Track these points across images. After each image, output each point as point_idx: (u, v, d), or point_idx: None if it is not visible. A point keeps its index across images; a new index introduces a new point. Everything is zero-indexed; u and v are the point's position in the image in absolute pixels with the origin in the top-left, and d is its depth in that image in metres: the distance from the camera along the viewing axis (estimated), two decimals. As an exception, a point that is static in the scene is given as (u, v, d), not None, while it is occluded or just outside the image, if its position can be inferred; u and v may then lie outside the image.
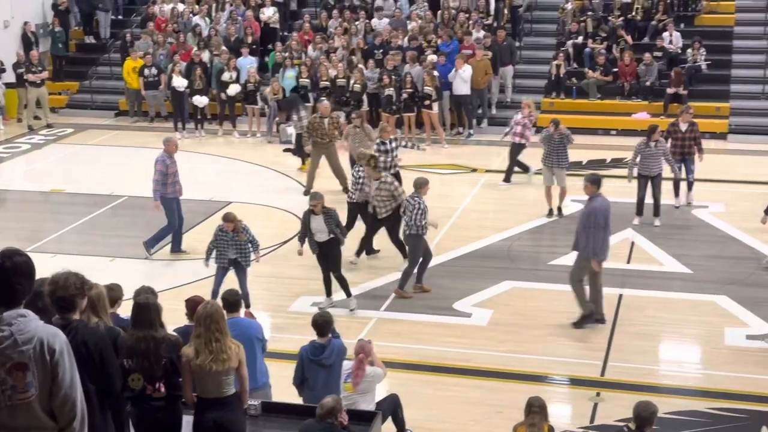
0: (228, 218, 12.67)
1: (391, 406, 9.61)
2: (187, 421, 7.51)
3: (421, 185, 13.45)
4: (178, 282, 14.00)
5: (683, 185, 17.18)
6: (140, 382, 7.16)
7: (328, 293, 13.28)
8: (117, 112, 26.06)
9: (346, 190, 17.88)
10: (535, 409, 8.24)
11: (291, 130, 21.79)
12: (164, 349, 7.15)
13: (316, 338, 9.13)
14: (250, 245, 12.80)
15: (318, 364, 9.01)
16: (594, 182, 12.45)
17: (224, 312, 7.66)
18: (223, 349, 7.31)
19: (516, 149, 18.46)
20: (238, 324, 8.98)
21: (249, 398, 7.90)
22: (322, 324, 9.11)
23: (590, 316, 12.53)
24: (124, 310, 8.31)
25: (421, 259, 13.59)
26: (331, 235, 12.78)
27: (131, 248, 15.80)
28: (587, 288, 12.50)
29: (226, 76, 23.42)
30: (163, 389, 7.20)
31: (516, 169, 18.62)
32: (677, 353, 12.33)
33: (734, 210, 17.05)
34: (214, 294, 12.86)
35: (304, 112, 20.47)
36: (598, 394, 11.04)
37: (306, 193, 18.31)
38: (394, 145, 16.50)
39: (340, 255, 13.12)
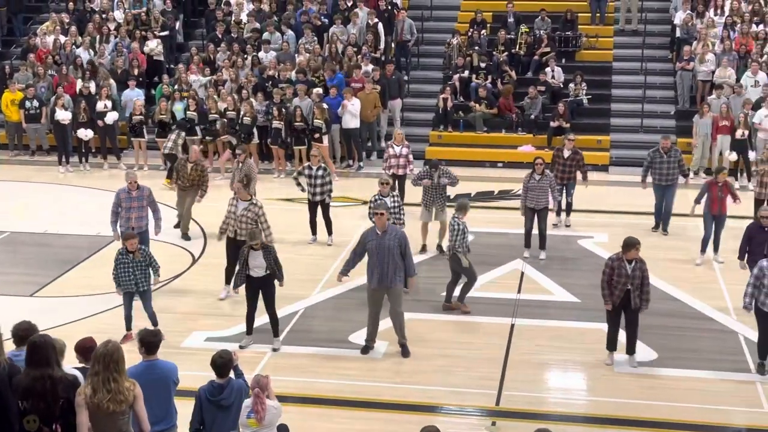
0: (130, 236, 12.81)
1: None
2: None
3: (461, 208, 14.08)
4: (65, 320, 13.64)
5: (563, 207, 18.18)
6: (36, 425, 6.96)
7: (249, 332, 13.08)
8: (-4, 146, 25.33)
9: (184, 235, 17.69)
10: None
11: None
12: (62, 389, 6.98)
13: (215, 378, 8.94)
14: (150, 269, 12.91)
15: (216, 405, 8.81)
16: (380, 207, 12.82)
17: (123, 355, 7.49)
18: (120, 389, 7.20)
19: (402, 181, 18.71)
20: (157, 366, 8.72)
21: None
22: (222, 365, 8.91)
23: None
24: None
25: (460, 277, 14.26)
26: (268, 272, 12.68)
27: (13, 285, 15.38)
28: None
29: (100, 105, 23.12)
30: (59, 431, 7.02)
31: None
32: (568, 381, 12.56)
33: (617, 240, 17.37)
34: (127, 320, 12.96)
35: (174, 136, 21.17)
36: (493, 424, 11.18)
37: (183, 236, 17.89)
38: (320, 173, 16.79)
39: (274, 292, 12.94)
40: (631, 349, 12.58)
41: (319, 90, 22.93)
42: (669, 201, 17.90)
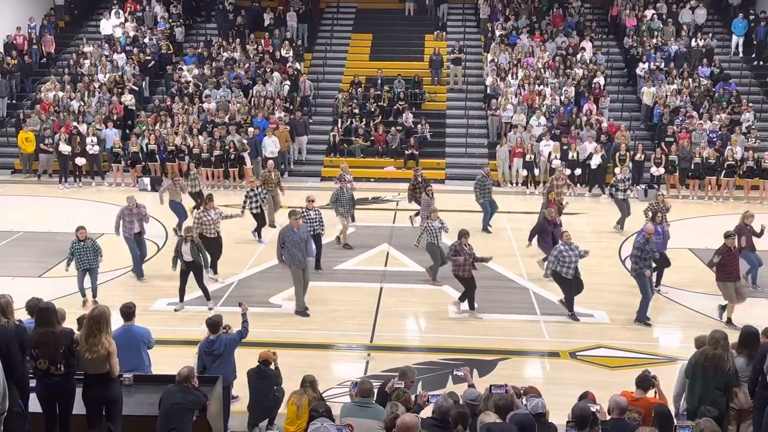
0: (80, 228, 12.51)
1: None
2: (79, 391, 7.09)
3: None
4: (63, 293, 13.07)
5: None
6: (45, 364, 6.70)
7: (181, 299, 12.86)
8: (13, 171, 24.01)
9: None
10: (306, 385, 8.21)
11: (146, 181, 21.34)
12: (62, 339, 6.73)
13: (210, 335, 8.81)
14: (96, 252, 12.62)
15: (210, 354, 8.68)
16: (295, 214, 12.51)
17: (109, 317, 7.18)
18: (96, 343, 6.92)
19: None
20: (130, 331, 8.55)
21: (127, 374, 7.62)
22: (211, 324, 8.83)
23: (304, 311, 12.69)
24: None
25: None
26: (193, 259, 12.47)
27: (25, 269, 14.70)
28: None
29: (88, 141, 22.30)
30: (62, 369, 6.76)
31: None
32: (420, 324, 12.72)
33: (453, 229, 17.75)
34: (82, 290, 12.58)
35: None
36: (369, 354, 11.28)
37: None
38: (258, 190, 16.34)
39: (201, 271, 12.72)
40: (471, 306, 12.75)
41: (251, 129, 22.56)
42: (493, 208, 17.87)
